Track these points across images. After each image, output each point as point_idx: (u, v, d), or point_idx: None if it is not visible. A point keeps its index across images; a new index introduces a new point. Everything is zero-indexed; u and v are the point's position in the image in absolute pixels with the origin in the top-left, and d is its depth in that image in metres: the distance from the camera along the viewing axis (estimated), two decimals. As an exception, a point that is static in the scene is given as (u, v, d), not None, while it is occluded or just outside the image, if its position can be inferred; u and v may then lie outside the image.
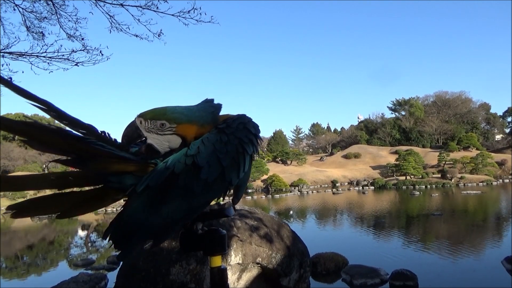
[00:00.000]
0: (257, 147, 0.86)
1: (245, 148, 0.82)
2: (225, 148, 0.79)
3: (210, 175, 0.77)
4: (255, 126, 0.88)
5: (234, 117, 0.88)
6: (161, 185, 0.75)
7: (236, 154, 0.81)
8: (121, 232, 0.75)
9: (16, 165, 35.45)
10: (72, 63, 4.35)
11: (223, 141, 0.80)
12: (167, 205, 0.75)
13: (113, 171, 0.77)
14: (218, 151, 0.78)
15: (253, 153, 0.84)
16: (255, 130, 0.86)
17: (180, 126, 0.83)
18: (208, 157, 0.77)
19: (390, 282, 5.29)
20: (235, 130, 0.83)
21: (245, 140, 0.82)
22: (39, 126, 0.71)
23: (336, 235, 10.58)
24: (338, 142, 51.41)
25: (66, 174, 0.76)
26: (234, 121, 0.85)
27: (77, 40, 4.47)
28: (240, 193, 0.90)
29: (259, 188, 31.58)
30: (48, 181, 0.75)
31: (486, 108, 49.53)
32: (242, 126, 0.84)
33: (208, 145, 0.79)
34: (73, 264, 8.15)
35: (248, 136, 0.84)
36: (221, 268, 0.89)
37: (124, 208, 0.77)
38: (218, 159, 0.78)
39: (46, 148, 0.74)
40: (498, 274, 5.62)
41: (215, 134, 0.81)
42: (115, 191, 0.79)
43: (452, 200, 18.73)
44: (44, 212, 0.77)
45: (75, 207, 0.77)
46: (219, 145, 0.79)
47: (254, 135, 0.85)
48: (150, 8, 4.34)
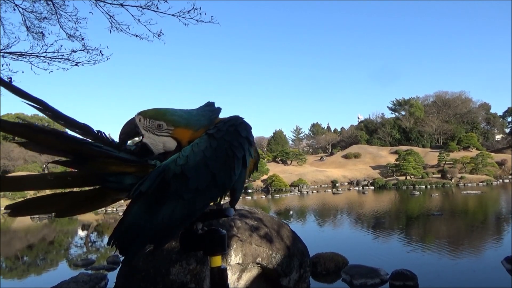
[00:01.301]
0: (249, 149, 0.85)
1: (235, 152, 0.81)
2: (214, 154, 0.79)
3: (199, 183, 0.77)
4: (247, 128, 0.87)
5: (225, 119, 0.87)
6: (154, 191, 0.76)
7: (226, 158, 0.80)
8: (124, 238, 0.77)
9: (16, 165, 35.45)
10: (72, 63, 4.35)
11: (212, 146, 0.80)
12: (162, 210, 0.76)
13: (111, 172, 0.78)
14: (207, 158, 0.79)
15: (244, 156, 0.83)
16: (246, 133, 0.85)
17: (177, 130, 0.83)
18: (196, 166, 0.77)
19: (390, 282, 5.29)
20: (225, 133, 0.82)
21: (235, 144, 0.82)
22: (34, 128, 0.72)
23: (336, 235, 10.58)
24: (338, 142, 51.40)
25: (65, 174, 0.77)
26: (225, 124, 0.84)
27: (77, 40, 4.47)
28: (236, 196, 0.90)
29: (259, 188, 31.58)
30: (47, 181, 0.76)
31: (486, 108, 49.53)
32: (233, 129, 0.84)
33: (198, 152, 0.79)
34: (73, 264, 8.15)
35: (238, 139, 0.83)
36: (221, 268, 0.90)
37: (124, 214, 0.78)
38: (207, 166, 0.78)
39: (42, 149, 0.74)
40: (498, 274, 5.61)
41: (205, 140, 0.81)
42: (115, 191, 0.80)
43: (452, 200, 18.73)
44: (42, 211, 0.78)
45: (74, 206, 0.78)
46: (208, 151, 0.79)
47: (245, 138, 0.84)
48: (150, 8, 4.33)
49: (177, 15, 4.33)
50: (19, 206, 0.73)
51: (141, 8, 4.33)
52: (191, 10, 4.26)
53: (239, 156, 0.82)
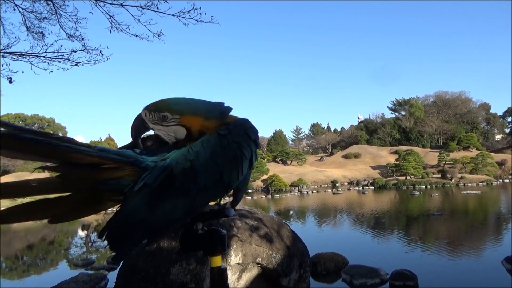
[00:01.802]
0: (255, 152, 0.87)
1: (244, 152, 0.83)
2: (223, 152, 0.80)
3: (207, 179, 0.78)
4: (255, 132, 0.89)
5: (236, 122, 0.88)
6: (159, 184, 0.74)
7: (234, 157, 0.82)
8: (118, 231, 0.74)
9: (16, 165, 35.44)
10: (72, 63, 4.36)
11: (222, 145, 0.81)
12: (164, 204, 0.75)
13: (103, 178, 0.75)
14: (216, 155, 0.79)
15: (251, 158, 0.85)
16: (255, 136, 0.88)
17: (184, 117, 0.84)
18: (206, 162, 0.78)
19: (390, 282, 5.29)
20: (236, 135, 0.84)
21: (244, 145, 0.84)
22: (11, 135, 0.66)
23: (336, 235, 10.58)
24: (338, 142, 51.40)
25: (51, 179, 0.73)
26: (236, 127, 0.86)
27: (77, 40, 4.48)
28: (239, 196, 0.91)
29: (259, 188, 31.57)
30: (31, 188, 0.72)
31: (486, 108, 49.53)
32: (243, 132, 0.86)
33: (208, 148, 0.79)
34: (73, 264, 8.15)
35: (247, 141, 0.85)
36: (221, 268, 0.89)
37: (122, 207, 0.76)
38: (216, 163, 0.79)
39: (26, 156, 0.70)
40: (498, 274, 5.61)
41: (216, 137, 0.82)
42: (112, 193, 0.77)
43: (452, 200, 18.74)
44: (34, 217, 0.75)
45: (71, 211, 0.75)
46: (218, 148, 0.80)
47: (253, 141, 0.86)
48: (150, 8, 4.34)
49: (177, 15, 4.33)
50: (8, 212, 0.69)
51: (141, 8, 4.33)
52: (191, 10, 4.27)
53: (248, 156, 0.83)
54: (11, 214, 0.70)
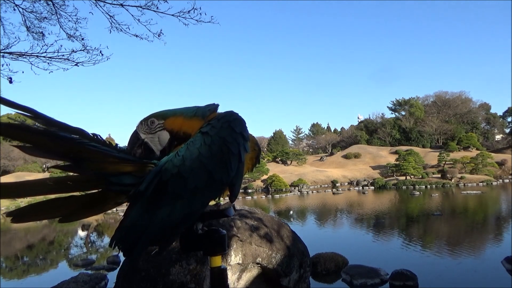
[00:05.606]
0: (244, 144, 0.84)
1: (230, 148, 0.81)
2: (209, 152, 0.79)
3: (197, 181, 0.77)
4: (241, 123, 0.86)
5: (219, 116, 0.87)
6: (152, 191, 0.76)
7: (221, 155, 0.80)
8: (126, 239, 0.76)
9: (16, 165, 35.45)
10: (72, 63, 4.35)
11: (207, 144, 0.80)
12: (162, 210, 0.76)
13: (110, 171, 0.77)
14: (203, 156, 0.78)
15: (239, 152, 0.82)
16: (241, 128, 0.85)
17: (167, 121, 0.87)
18: (192, 165, 0.78)
19: (390, 282, 5.29)
20: (219, 130, 0.82)
21: (229, 140, 0.81)
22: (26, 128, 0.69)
23: (336, 235, 10.58)
24: (338, 142, 51.37)
25: (65, 178, 0.75)
26: (219, 121, 0.84)
27: (77, 40, 4.47)
28: (235, 191, 0.89)
29: (259, 188, 31.56)
30: (46, 187, 0.74)
31: (486, 108, 49.51)
32: (227, 125, 0.83)
33: (193, 151, 0.79)
34: (73, 264, 8.15)
35: (232, 135, 0.82)
36: (221, 268, 0.90)
37: (125, 216, 0.78)
38: (203, 164, 0.78)
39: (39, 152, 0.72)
40: (498, 274, 5.61)
41: (199, 137, 0.81)
42: (116, 194, 0.80)
43: (452, 200, 18.72)
44: (46, 217, 0.77)
45: (78, 211, 0.78)
46: (203, 149, 0.79)
47: (239, 133, 0.83)
48: (150, 8, 4.33)
49: (177, 15, 4.33)
50: (22, 212, 0.72)
51: (141, 8, 4.33)
52: (191, 10, 4.26)
53: (235, 152, 0.81)
54: (25, 213, 0.73)
